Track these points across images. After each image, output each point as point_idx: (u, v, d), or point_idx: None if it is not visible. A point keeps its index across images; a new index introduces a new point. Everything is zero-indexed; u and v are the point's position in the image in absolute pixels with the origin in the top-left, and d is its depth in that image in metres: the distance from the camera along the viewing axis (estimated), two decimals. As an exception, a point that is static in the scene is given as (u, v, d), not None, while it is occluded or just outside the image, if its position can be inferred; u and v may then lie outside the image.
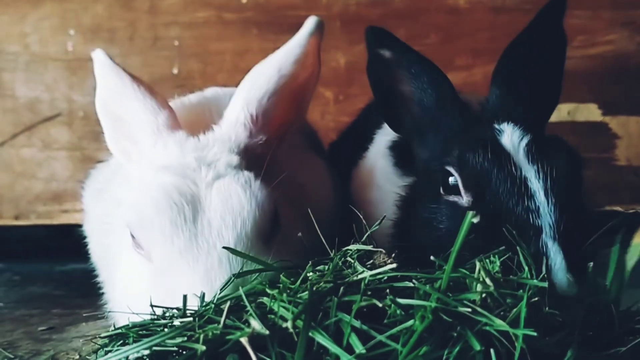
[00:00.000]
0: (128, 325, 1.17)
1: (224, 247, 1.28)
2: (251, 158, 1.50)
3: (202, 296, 1.21)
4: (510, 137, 1.43)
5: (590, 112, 2.95)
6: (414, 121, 1.63)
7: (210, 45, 3.00)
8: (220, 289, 1.22)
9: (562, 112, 1.64)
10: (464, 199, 1.41)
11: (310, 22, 1.58)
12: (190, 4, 3.00)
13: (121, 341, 1.16)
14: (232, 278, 1.23)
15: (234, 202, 1.35)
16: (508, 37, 1.61)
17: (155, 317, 1.19)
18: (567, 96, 1.63)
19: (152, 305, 1.22)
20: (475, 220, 1.05)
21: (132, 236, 1.39)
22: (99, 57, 1.63)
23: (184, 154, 1.46)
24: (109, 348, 1.15)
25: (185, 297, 1.18)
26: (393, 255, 1.29)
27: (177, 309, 1.18)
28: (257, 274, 1.25)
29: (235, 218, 1.33)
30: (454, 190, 1.43)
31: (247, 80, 1.56)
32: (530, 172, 1.37)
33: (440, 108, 1.58)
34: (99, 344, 1.20)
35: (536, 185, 1.35)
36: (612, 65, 2.93)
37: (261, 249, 1.35)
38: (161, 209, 1.33)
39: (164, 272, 1.32)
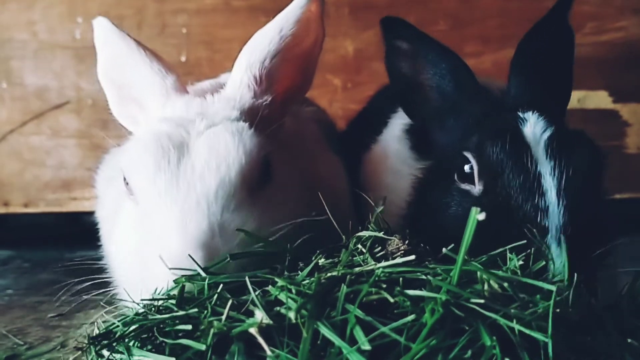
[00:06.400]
0: (125, 320, 1.15)
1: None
2: (257, 119, 1.49)
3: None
4: (533, 127, 1.37)
5: (600, 100, 2.93)
6: (432, 107, 1.61)
7: (218, 33, 2.99)
8: (210, 267, 1.20)
9: (572, 100, 1.62)
10: (476, 188, 1.38)
11: None
12: (198, -9, 2.99)
13: (114, 336, 1.14)
14: (227, 258, 1.21)
15: (220, 147, 1.36)
16: (518, 24, 1.59)
17: (153, 308, 1.17)
18: (578, 83, 1.61)
19: (150, 299, 1.20)
20: (481, 217, 1.00)
21: (126, 182, 1.41)
22: (102, 24, 1.64)
23: (188, 111, 1.49)
24: (98, 348, 1.14)
25: (183, 286, 1.16)
26: (407, 242, 1.26)
27: (173, 297, 1.16)
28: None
29: (219, 162, 1.33)
30: (469, 177, 1.39)
31: (250, 43, 1.56)
32: (545, 168, 1.31)
33: (461, 93, 1.55)
34: (88, 338, 1.18)
35: (549, 182, 1.30)
36: (622, 52, 2.90)
37: (245, 198, 1.34)
38: (147, 151, 1.35)
39: (146, 214, 1.34)
